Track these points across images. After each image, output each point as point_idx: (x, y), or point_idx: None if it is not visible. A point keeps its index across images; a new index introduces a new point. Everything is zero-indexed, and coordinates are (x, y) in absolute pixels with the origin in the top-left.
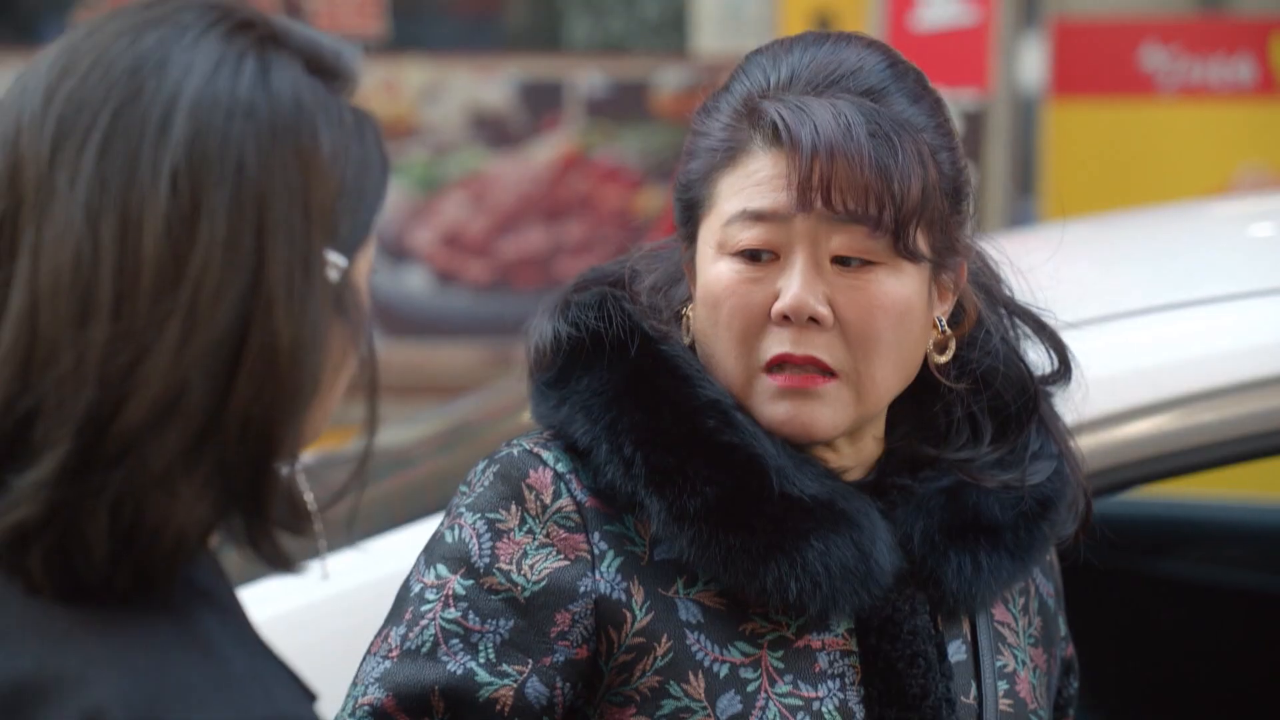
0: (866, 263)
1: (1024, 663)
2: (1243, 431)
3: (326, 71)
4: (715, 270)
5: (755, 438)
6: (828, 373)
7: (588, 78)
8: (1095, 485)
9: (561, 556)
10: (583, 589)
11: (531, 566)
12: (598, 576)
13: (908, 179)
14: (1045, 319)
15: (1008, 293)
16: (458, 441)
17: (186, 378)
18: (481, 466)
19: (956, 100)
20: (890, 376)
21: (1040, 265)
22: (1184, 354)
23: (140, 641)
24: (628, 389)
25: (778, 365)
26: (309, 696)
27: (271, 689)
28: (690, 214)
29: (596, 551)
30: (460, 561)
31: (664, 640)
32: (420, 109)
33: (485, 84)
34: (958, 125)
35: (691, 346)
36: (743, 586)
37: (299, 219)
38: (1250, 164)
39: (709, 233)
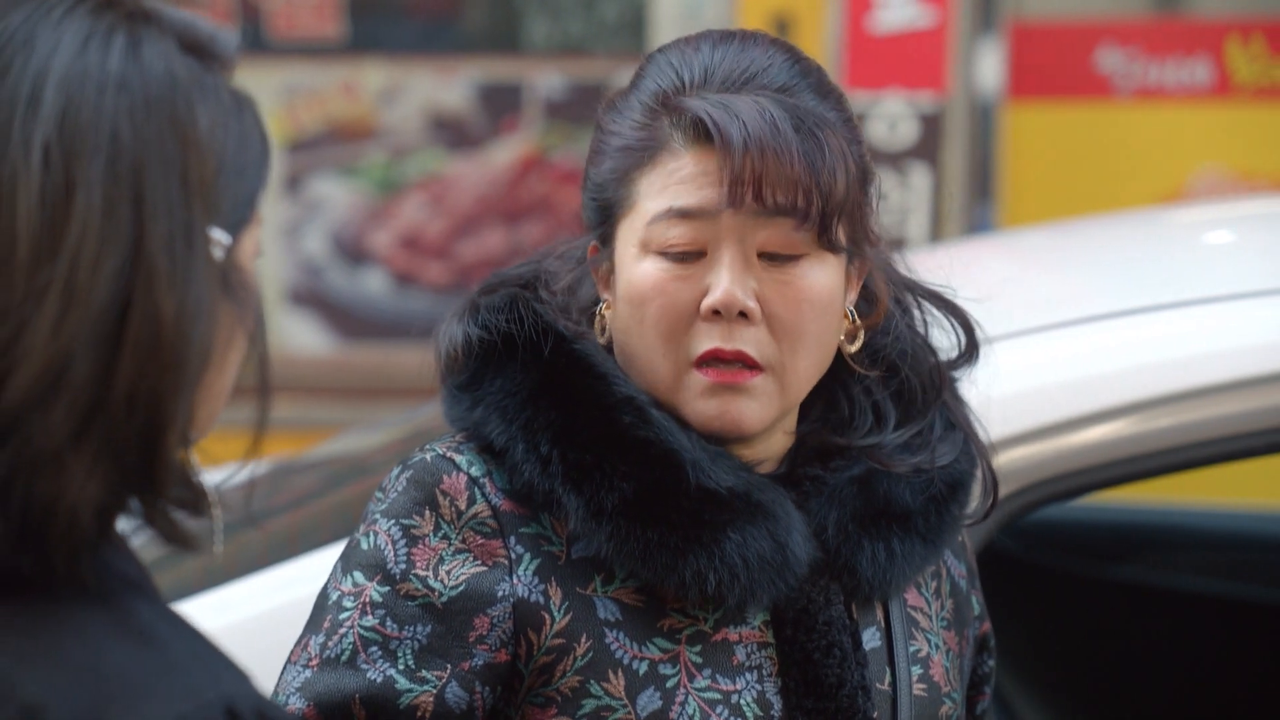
0: (793, 256)
1: (937, 646)
2: (1199, 437)
3: (201, 51)
4: (640, 269)
5: (670, 433)
6: (754, 367)
7: (546, 80)
8: (1053, 491)
9: (479, 562)
10: (500, 593)
11: (449, 572)
12: (515, 580)
13: (834, 172)
14: (951, 298)
15: (907, 274)
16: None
17: (69, 351)
18: (396, 472)
19: (914, 102)
20: (811, 368)
21: (1000, 271)
22: (1141, 359)
23: (75, 635)
24: (543, 388)
25: (707, 360)
26: (243, 672)
27: (215, 670)
28: (606, 215)
29: (513, 555)
30: (376, 568)
31: (583, 640)
32: (379, 111)
33: (444, 86)
34: (916, 128)
35: (608, 346)
36: (661, 580)
37: (177, 191)
38: (1208, 166)
39: (630, 233)
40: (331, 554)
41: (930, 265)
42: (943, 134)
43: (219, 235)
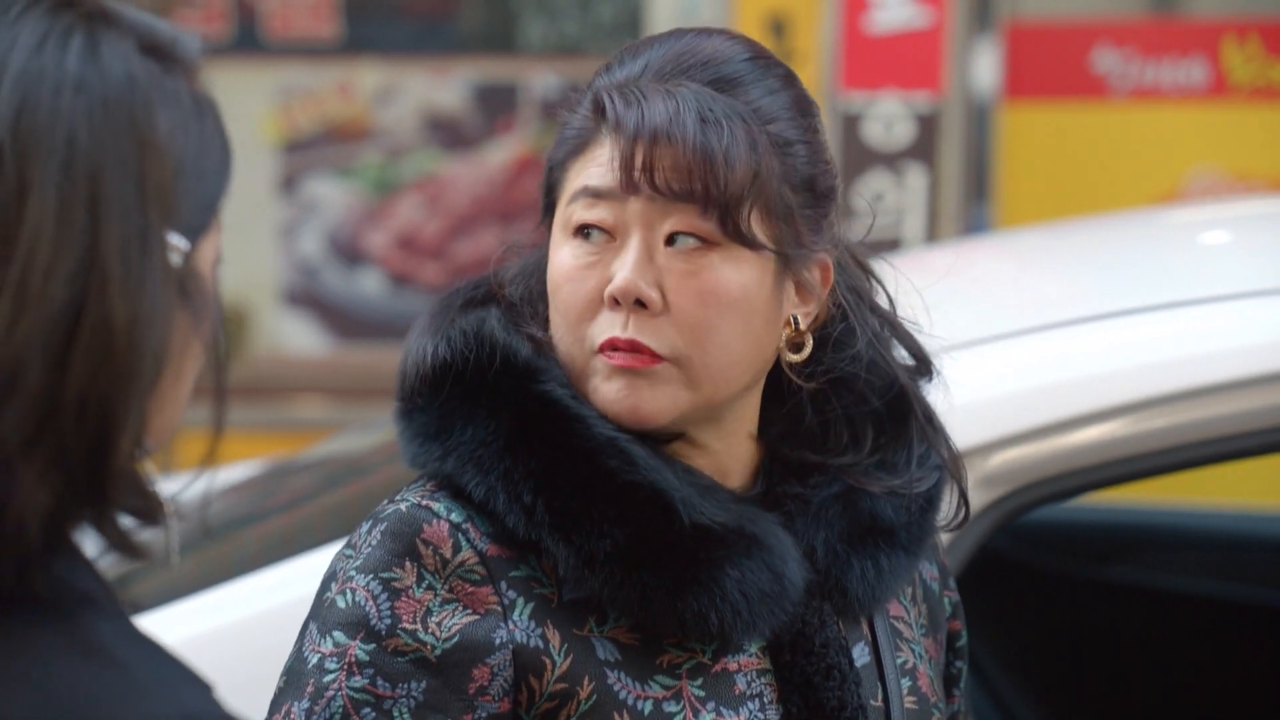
0: (702, 246)
1: (921, 656)
2: (1194, 437)
3: (162, 53)
4: (559, 255)
5: (657, 470)
6: (655, 356)
7: (542, 80)
8: (1048, 491)
9: (470, 611)
10: (498, 641)
11: (439, 624)
12: (512, 626)
13: (733, 161)
14: (908, 328)
15: (878, 298)
16: None
17: (20, 357)
18: (366, 527)
19: (910, 103)
20: (730, 367)
21: (996, 272)
22: (1136, 360)
23: (30, 655)
24: (518, 436)
25: (610, 348)
26: (207, 687)
27: (176, 689)
28: (548, 200)
29: (506, 601)
30: (358, 626)
31: (586, 683)
32: (374, 111)
33: (439, 86)
34: (913, 128)
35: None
36: (661, 623)
37: (134, 196)
38: (1203, 167)
39: (557, 217)
40: (328, 553)
41: (927, 266)
42: (939, 134)
43: (177, 241)
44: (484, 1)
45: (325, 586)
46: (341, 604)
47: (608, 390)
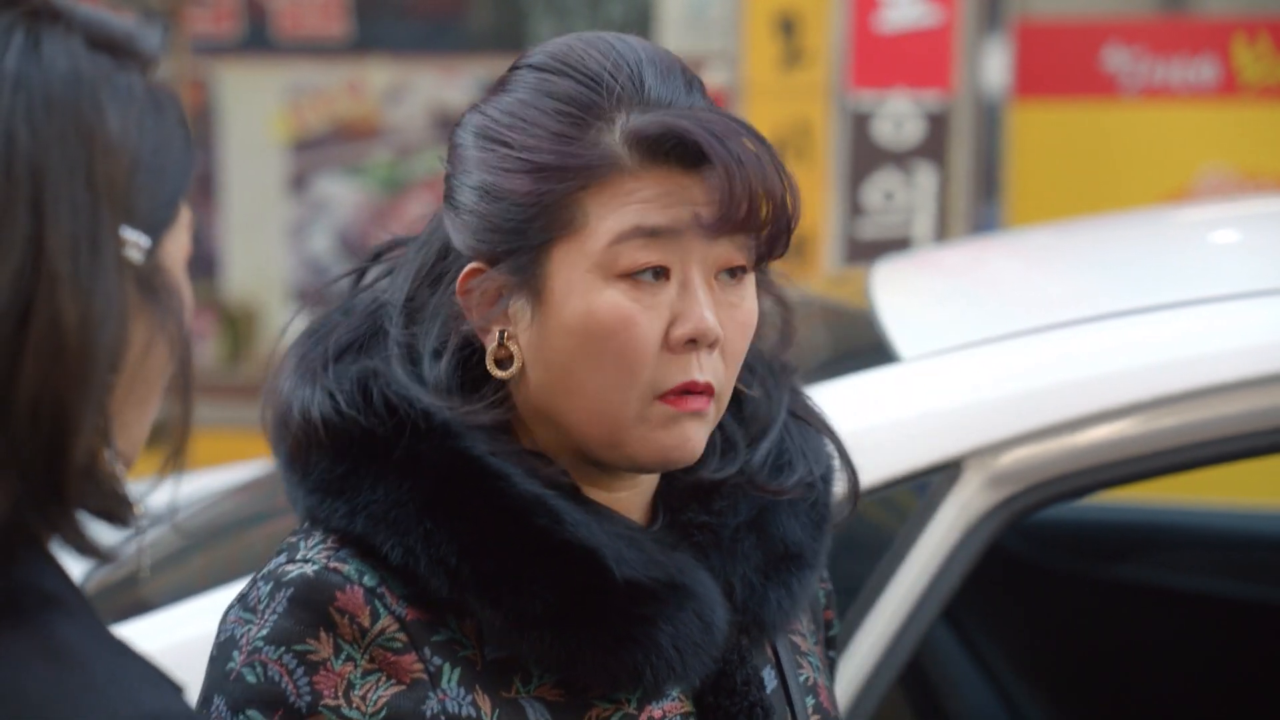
0: (741, 276)
1: (818, 668)
2: (1203, 436)
3: (115, 48)
4: (604, 299)
5: (586, 526)
6: (710, 395)
7: None
8: (1057, 490)
9: (394, 681)
10: (429, 713)
11: (363, 697)
12: (441, 694)
13: (796, 191)
14: (784, 295)
15: None
16: None
17: None
18: (267, 590)
19: (920, 101)
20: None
21: (1005, 272)
22: (1145, 359)
23: None
24: (438, 497)
25: (688, 391)
26: (175, 689)
27: (135, 689)
28: (522, 237)
29: (432, 668)
30: (274, 704)
31: None
32: (384, 110)
33: (449, 85)
34: (922, 127)
35: (483, 377)
36: (592, 679)
37: (83, 193)
38: (1213, 165)
39: (579, 256)
40: None
41: (937, 265)
42: (949, 133)
43: (136, 237)
44: (493, 0)
45: (225, 655)
46: (251, 678)
47: (667, 438)
